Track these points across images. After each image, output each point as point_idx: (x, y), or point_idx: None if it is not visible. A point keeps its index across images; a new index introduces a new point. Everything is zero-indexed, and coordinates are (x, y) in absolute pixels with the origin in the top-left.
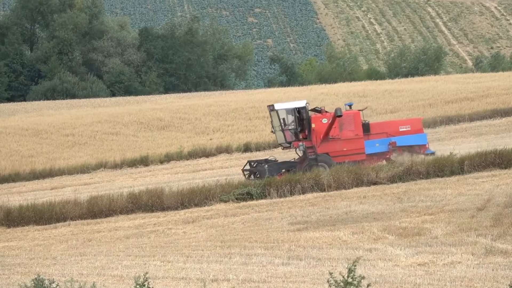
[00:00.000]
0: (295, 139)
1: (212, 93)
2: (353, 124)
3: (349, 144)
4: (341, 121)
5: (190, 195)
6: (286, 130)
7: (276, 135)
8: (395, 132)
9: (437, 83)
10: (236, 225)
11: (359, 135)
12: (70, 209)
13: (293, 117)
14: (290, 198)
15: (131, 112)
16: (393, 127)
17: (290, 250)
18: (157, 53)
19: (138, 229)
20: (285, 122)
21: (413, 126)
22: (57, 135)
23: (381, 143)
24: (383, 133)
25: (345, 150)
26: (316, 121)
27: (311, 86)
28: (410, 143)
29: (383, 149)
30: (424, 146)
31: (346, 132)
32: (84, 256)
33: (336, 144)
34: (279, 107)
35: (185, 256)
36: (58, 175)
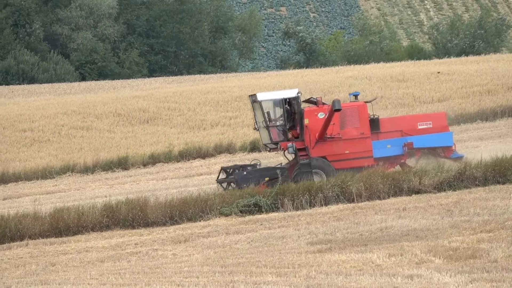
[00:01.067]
0: (284, 139)
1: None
2: (358, 119)
3: (353, 146)
4: (343, 116)
5: (181, 207)
6: (272, 127)
7: (260, 133)
8: (413, 130)
9: (497, 64)
10: (241, 245)
11: (366, 133)
12: (28, 225)
13: (281, 110)
14: (309, 211)
15: (106, 101)
16: (409, 123)
17: (309, 277)
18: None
19: (115, 251)
20: (270, 117)
21: (435, 122)
22: (11, 130)
23: (394, 144)
24: (397, 132)
25: (347, 153)
26: (310, 115)
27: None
28: (431, 145)
29: (397, 151)
30: (450, 148)
31: (349, 130)
32: (46, 285)
33: (335, 145)
34: (264, 97)
35: (175, 284)
36: (13, 181)
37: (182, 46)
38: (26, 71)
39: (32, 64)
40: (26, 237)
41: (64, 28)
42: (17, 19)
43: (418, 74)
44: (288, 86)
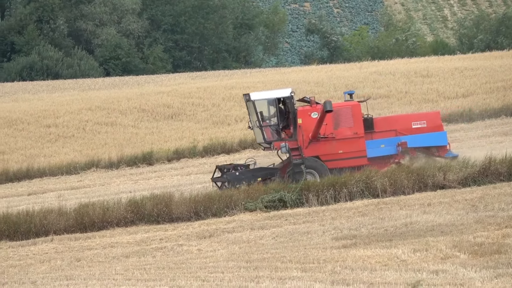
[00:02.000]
0: (277, 138)
1: (233, 72)
2: (352, 119)
3: (346, 145)
4: (336, 116)
5: (206, 202)
6: (266, 127)
7: (254, 133)
8: (407, 129)
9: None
10: (265, 241)
11: (359, 133)
12: (53, 220)
13: (274, 110)
14: (334, 206)
15: (131, 96)
16: (403, 123)
17: (334, 273)
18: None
19: (140, 246)
20: (263, 117)
21: (429, 121)
22: (36, 125)
23: (388, 143)
24: (391, 131)
25: (340, 153)
26: (304, 115)
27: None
28: (425, 144)
29: (391, 151)
30: (444, 148)
31: (343, 129)
32: (71, 280)
33: (329, 145)
34: (257, 97)
35: (200, 280)
36: (38, 176)
37: (206, 42)
38: (50, 66)
39: (56, 60)
40: (51, 233)
41: (88, 24)
42: (41, 15)
43: (442, 69)
44: (312, 82)
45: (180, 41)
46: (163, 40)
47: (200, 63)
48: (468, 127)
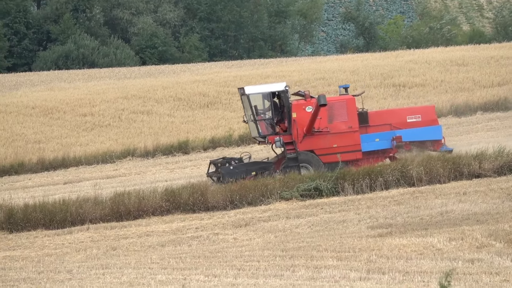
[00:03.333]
0: (272, 132)
1: (269, 61)
2: (346, 113)
3: (341, 139)
4: (331, 110)
5: (241, 191)
6: (260, 121)
7: (249, 127)
8: (401, 123)
9: None
10: (301, 229)
11: (354, 127)
12: (89, 209)
13: (269, 104)
14: (369, 195)
15: (167, 85)
16: (398, 117)
17: (369, 261)
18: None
19: (176, 235)
20: (258, 111)
21: (424, 115)
22: (71, 114)
23: (383, 137)
24: (386, 125)
25: (335, 147)
26: (298, 109)
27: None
28: (420, 138)
29: (385, 145)
30: (439, 142)
31: (337, 123)
32: (107, 269)
33: (323, 139)
34: (251, 91)
35: (236, 268)
36: (74, 165)
37: (242, 31)
38: (86, 55)
39: (92, 49)
40: (87, 221)
41: (125, 13)
42: (77, 4)
43: (478, 58)
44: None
45: (216, 29)
46: (199, 29)
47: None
48: (504, 116)
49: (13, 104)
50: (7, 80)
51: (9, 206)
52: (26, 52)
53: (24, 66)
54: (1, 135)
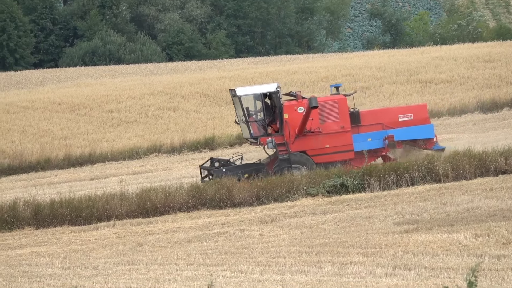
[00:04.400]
0: (264, 134)
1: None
2: (338, 113)
3: (333, 140)
4: (322, 111)
5: (268, 187)
6: (252, 122)
7: (241, 128)
8: (393, 122)
9: None
10: (327, 226)
11: (346, 127)
12: (115, 205)
13: (260, 105)
14: (396, 191)
15: (193, 81)
16: (390, 116)
17: (396, 257)
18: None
19: (202, 231)
20: (249, 112)
21: (416, 114)
22: (98, 110)
23: (375, 137)
24: (378, 124)
25: (327, 148)
26: (290, 110)
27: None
28: (412, 137)
29: (377, 144)
30: (431, 141)
31: (329, 124)
32: (133, 265)
33: (315, 140)
34: (243, 92)
35: (262, 265)
36: (100, 161)
37: (269, 27)
38: (113, 51)
39: (119, 45)
40: (113, 217)
41: (151, 9)
42: (103, 0)
43: (505, 54)
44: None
45: (243, 26)
46: (226, 25)
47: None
48: None
49: (39, 100)
50: (34, 76)
51: (36, 202)
52: (53, 48)
53: (50, 62)
54: (28, 131)
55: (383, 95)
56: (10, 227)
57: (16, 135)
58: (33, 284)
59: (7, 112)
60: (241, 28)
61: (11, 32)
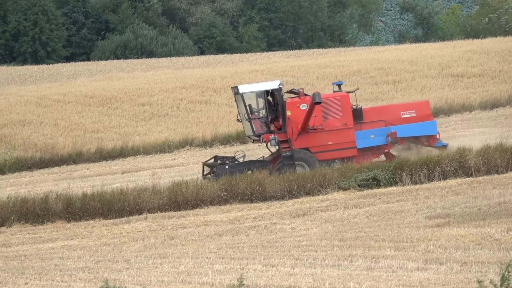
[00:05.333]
0: (266, 131)
1: (328, 51)
2: (341, 110)
3: (336, 137)
4: (325, 107)
5: (299, 181)
6: (255, 119)
7: (243, 126)
8: (396, 119)
9: None
10: (359, 219)
11: (349, 124)
12: (147, 198)
13: (263, 102)
14: (427, 185)
15: (225, 75)
16: (393, 113)
17: (427, 251)
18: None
19: (233, 224)
20: (252, 110)
21: (419, 111)
22: (130, 104)
23: (378, 134)
24: (380, 121)
25: (330, 145)
26: (292, 107)
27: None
28: (415, 134)
29: (380, 141)
30: (434, 137)
31: (332, 120)
32: (164, 259)
33: (318, 137)
34: (245, 89)
35: (293, 258)
36: (132, 155)
37: (301, 21)
38: (145, 45)
39: (151, 38)
40: (145, 211)
41: (183, 3)
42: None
43: None
44: (406, 60)
45: (275, 19)
46: (258, 19)
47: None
48: None
49: (71, 93)
50: (66, 69)
51: (68, 196)
52: (85, 42)
53: (82, 55)
54: (60, 124)
55: (415, 89)
56: (42, 221)
57: (48, 129)
58: (64, 277)
59: (39, 106)
60: (273, 22)
61: (43, 25)
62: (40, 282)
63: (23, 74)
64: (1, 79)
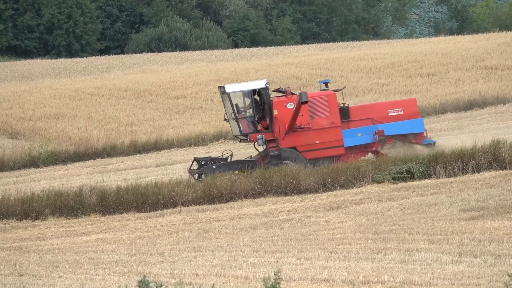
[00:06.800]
0: (253, 130)
1: (362, 43)
2: (328, 109)
3: (323, 135)
4: (312, 106)
5: (334, 174)
6: (242, 119)
7: (230, 125)
8: (383, 117)
9: None
10: (393, 212)
11: (336, 123)
12: (181, 191)
13: (250, 101)
14: (461, 178)
15: (259, 68)
16: (380, 111)
17: (461, 244)
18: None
19: (267, 218)
20: (239, 109)
21: (406, 109)
22: (164, 97)
23: (365, 132)
24: (368, 120)
25: (317, 143)
26: (279, 106)
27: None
28: (402, 132)
29: (368, 140)
30: (421, 135)
31: (319, 119)
32: (199, 252)
33: (305, 136)
34: (232, 89)
35: (327, 251)
36: (166, 148)
37: (334, 13)
38: (179, 38)
39: (185, 31)
40: (179, 204)
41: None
42: None
43: None
44: (440, 53)
45: (308, 12)
46: (291, 12)
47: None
48: None
49: (105, 86)
50: (100, 62)
51: (102, 189)
52: (119, 35)
53: (116, 48)
54: (94, 117)
55: (449, 82)
56: (76, 214)
57: (82, 122)
58: (99, 270)
59: (73, 99)
60: (307, 15)
61: (78, 18)
62: (75, 276)
63: (57, 67)
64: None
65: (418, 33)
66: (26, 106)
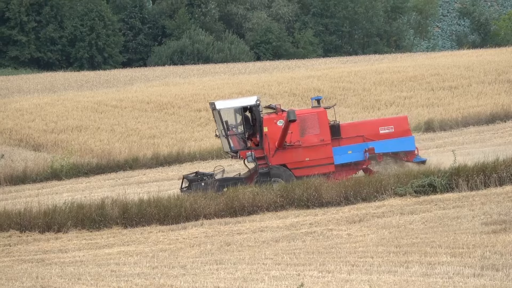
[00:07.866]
0: (244, 147)
1: (384, 56)
2: (318, 126)
3: (313, 153)
4: (302, 123)
5: (355, 187)
6: (232, 136)
7: (221, 142)
8: (374, 135)
9: None
10: (415, 226)
11: (326, 140)
12: (203, 204)
13: (240, 118)
14: (483, 191)
15: (281, 80)
16: (371, 128)
17: (483, 258)
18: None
19: (289, 230)
20: (229, 126)
21: (397, 126)
22: (186, 110)
23: (355, 150)
24: (358, 137)
25: (307, 161)
26: (269, 123)
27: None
28: (393, 149)
29: (358, 157)
30: (412, 153)
31: (309, 137)
32: (221, 265)
33: (295, 153)
34: (222, 105)
35: (349, 264)
36: (188, 161)
37: (356, 26)
38: (201, 50)
39: (207, 44)
40: (201, 217)
41: (239, 8)
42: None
43: None
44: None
45: (330, 25)
46: (313, 24)
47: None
48: None
49: (128, 99)
50: (122, 75)
51: (124, 201)
52: (141, 47)
53: (139, 61)
54: (116, 130)
55: (471, 95)
56: (98, 226)
57: (105, 134)
58: (120, 283)
59: (96, 111)
60: (328, 27)
61: (100, 31)
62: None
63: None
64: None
65: (440, 46)
66: (49, 118)
